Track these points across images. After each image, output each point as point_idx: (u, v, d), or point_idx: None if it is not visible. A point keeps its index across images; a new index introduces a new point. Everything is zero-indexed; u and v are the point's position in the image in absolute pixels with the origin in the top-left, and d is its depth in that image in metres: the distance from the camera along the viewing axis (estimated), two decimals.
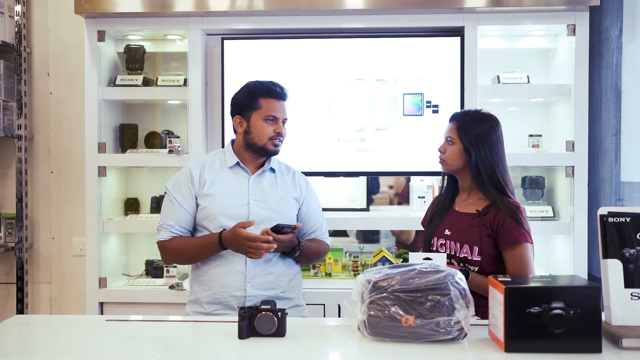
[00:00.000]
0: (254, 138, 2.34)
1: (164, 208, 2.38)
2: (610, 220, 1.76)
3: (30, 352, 1.73)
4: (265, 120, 2.33)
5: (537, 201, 3.28)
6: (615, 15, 2.92)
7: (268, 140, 2.33)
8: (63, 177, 3.62)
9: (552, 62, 3.39)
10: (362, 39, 3.22)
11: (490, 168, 2.18)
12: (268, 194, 2.37)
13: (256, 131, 2.33)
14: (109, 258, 3.36)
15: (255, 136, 2.34)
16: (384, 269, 1.75)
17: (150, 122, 3.56)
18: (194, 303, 2.37)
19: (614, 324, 1.71)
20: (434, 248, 2.29)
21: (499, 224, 2.14)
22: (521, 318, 1.60)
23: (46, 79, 3.62)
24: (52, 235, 3.64)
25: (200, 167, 2.38)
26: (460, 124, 2.23)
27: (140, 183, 3.59)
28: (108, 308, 3.23)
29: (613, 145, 2.94)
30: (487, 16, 3.10)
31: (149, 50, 3.45)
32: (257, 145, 2.34)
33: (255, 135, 2.34)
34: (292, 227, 2.23)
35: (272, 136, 2.33)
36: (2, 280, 3.63)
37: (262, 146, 2.34)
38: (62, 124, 3.62)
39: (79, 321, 2.08)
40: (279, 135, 2.35)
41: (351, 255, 3.49)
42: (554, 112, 3.38)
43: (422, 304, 1.65)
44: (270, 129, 2.33)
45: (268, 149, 2.34)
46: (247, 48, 3.24)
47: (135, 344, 1.79)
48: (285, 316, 1.76)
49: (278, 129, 2.34)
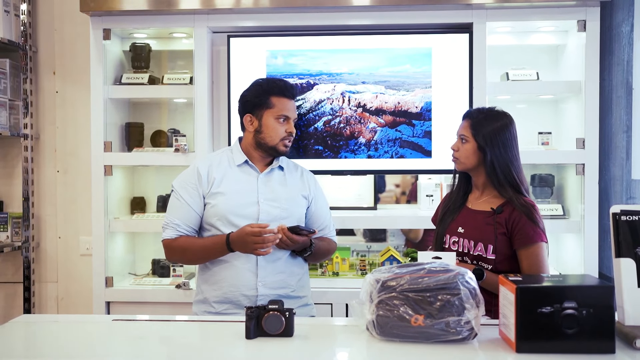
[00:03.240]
0: (266, 138, 2.31)
1: (170, 206, 2.36)
2: (623, 218, 1.73)
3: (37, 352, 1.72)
4: (277, 119, 2.30)
5: (547, 199, 3.25)
6: (627, 10, 2.89)
7: (280, 140, 2.31)
8: (69, 176, 3.62)
9: (562, 59, 3.35)
10: (368, 36, 3.19)
11: (506, 166, 2.16)
12: (277, 192, 2.35)
13: (268, 131, 2.31)
14: (116, 257, 3.35)
15: (267, 136, 2.31)
16: (392, 268, 1.73)
17: (156, 121, 3.55)
18: (201, 303, 2.36)
19: (627, 324, 1.69)
20: (447, 245, 2.27)
21: (514, 222, 2.12)
22: (532, 318, 1.57)
23: (52, 77, 3.62)
24: (59, 235, 3.63)
25: (207, 165, 2.35)
26: (474, 121, 2.20)
27: (147, 182, 3.58)
28: (114, 307, 3.22)
29: (624, 142, 2.90)
30: (495, 12, 3.07)
31: (154, 48, 3.43)
32: (268, 145, 2.32)
33: (267, 135, 2.31)
34: (312, 231, 2.23)
35: (284, 136, 2.31)
36: (9, 280, 3.63)
37: (274, 146, 2.32)
38: (68, 122, 3.61)
39: (86, 321, 2.07)
40: (290, 135, 2.33)
41: (359, 254, 3.47)
42: (564, 109, 3.34)
43: (432, 304, 1.63)
44: (282, 129, 2.31)
45: (279, 149, 2.33)
46: (253, 46, 3.22)
47: (142, 344, 1.78)
48: (293, 316, 1.74)
49: (290, 128, 2.32)
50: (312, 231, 2.23)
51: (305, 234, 2.22)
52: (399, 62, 3.17)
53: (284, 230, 2.18)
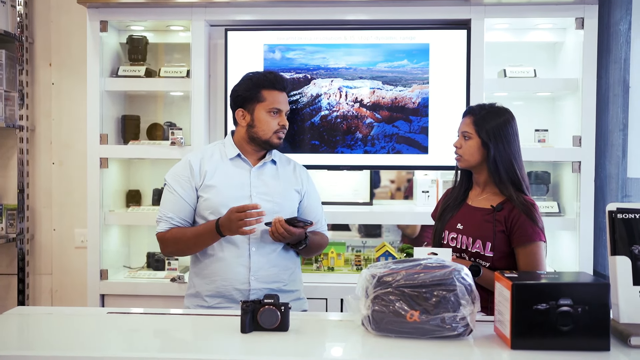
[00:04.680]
0: (259, 132, 2.31)
1: (163, 200, 2.36)
2: (619, 216, 1.74)
3: (31, 343, 1.72)
4: (269, 113, 2.30)
5: (542, 197, 3.25)
6: (625, 8, 2.89)
7: (273, 133, 2.31)
8: (65, 169, 3.60)
9: (560, 56, 3.35)
10: (366, 31, 3.18)
11: (509, 162, 2.16)
12: (270, 186, 2.35)
13: (260, 125, 2.31)
14: (110, 250, 3.34)
15: (259, 129, 2.31)
16: (388, 264, 1.73)
17: (153, 114, 3.53)
18: (194, 297, 2.35)
19: (622, 321, 1.69)
20: (445, 242, 2.26)
21: (513, 220, 2.12)
22: (528, 315, 1.58)
23: (48, 69, 3.60)
24: (54, 227, 3.62)
25: (199, 158, 2.35)
26: (477, 118, 2.20)
27: (142, 175, 3.57)
28: (109, 300, 3.22)
29: (620, 140, 2.91)
30: (494, 8, 3.07)
31: (151, 41, 3.42)
32: (262, 139, 2.32)
33: (259, 129, 2.31)
34: (308, 223, 2.23)
35: (276, 129, 2.31)
36: (3, 272, 3.61)
37: (267, 140, 2.32)
38: (64, 114, 3.59)
39: (80, 313, 2.06)
40: (283, 128, 2.33)
41: (354, 250, 3.47)
42: (561, 107, 3.34)
43: (428, 300, 1.63)
44: (274, 122, 2.31)
45: (272, 142, 2.32)
46: (251, 39, 3.21)
47: (136, 337, 1.77)
48: (288, 310, 1.74)
49: (282, 121, 2.32)
50: (309, 223, 2.23)
51: (302, 225, 2.21)
52: (396, 57, 3.17)
53: (280, 222, 2.17)
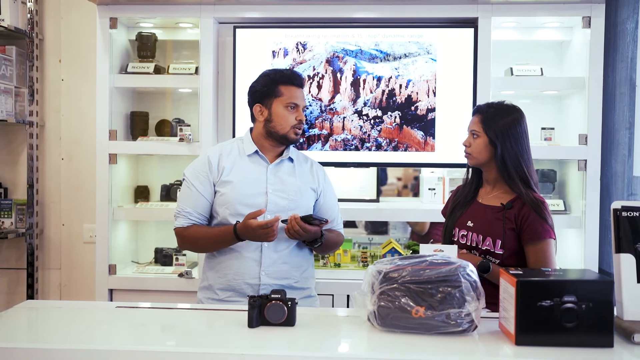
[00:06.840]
0: (276, 126, 2.32)
1: (181, 195, 2.38)
2: (624, 214, 1.75)
3: (40, 337, 1.74)
4: (286, 107, 2.32)
5: (549, 194, 3.26)
6: (632, 7, 2.89)
7: (290, 128, 2.32)
8: (74, 164, 3.63)
9: (566, 55, 3.36)
10: (374, 29, 3.20)
11: (517, 160, 2.17)
12: (286, 183, 2.36)
13: (278, 119, 2.32)
14: (119, 245, 3.37)
15: (277, 124, 2.32)
16: (394, 260, 1.74)
17: (161, 110, 3.56)
18: (206, 289, 2.38)
19: (626, 318, 1.70)
20: (455, 239, 2.27)
21: (523, 218, 2.13)
22: (532, 311, 1.59)
23: (58, 65, 3.63)
24: (63, 222, 3.65)
25: (218, 153, 2.37)
26: (485, 116, 2.20)
27: (151, 171, 3.59)
28: (117, 295, 3.25)
29: (626, 139, 2.91)
30: (501, 7, 3.07)
31: (160, 38, 3.44)
32: (279, 133, 2.33)
33: (277, 124, 2.32)
34: (324, 220, 2.23)
35: (294, 124, 2.32)
36: (12, 266, 3.65)
37: (284, 134, 2.33)
38: (73, 110, 3.62)
39: (89, 307, 2.09)
40: (301, 123, 2.34)
41: (360, 246, 3.48)
42: (567, 105, 3.35)
43: (433, 296, 1.65)
44: (292, 117, 2.32)
45: (290, 137, 2.33)
46: (259, 37, 3.22)
47: (145, 331, 1.79)
48: (295, 306, 1.76)
49: (299, 116, 2.33)
50: (324, 220, 2.23)
51: (317, 223, 2.21)
52: (404, 56, 3.18)
53: (296, 220, 2.18)
